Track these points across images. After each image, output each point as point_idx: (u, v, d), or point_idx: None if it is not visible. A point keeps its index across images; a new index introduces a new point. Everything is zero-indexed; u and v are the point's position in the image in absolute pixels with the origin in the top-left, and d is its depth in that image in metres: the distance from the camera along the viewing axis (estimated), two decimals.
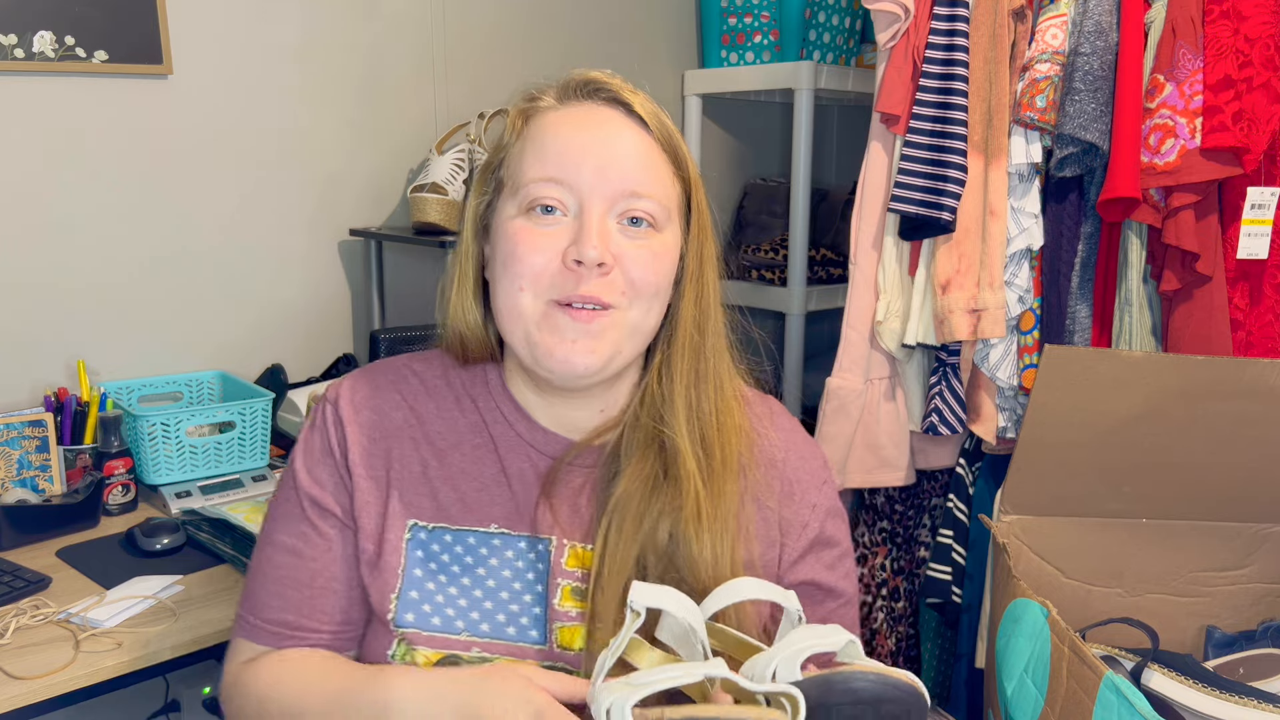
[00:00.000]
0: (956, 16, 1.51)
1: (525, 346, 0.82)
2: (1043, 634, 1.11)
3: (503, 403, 0.89)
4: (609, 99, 0.84)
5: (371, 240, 1.97)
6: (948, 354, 1.61)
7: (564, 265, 0.80)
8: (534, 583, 0.83)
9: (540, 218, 0.81)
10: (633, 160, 0.82)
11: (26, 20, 1.55)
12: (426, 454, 0.86)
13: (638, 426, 0.86)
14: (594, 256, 0.78)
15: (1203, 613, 1.35)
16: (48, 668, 1.07)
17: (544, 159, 0.81)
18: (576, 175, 0.80)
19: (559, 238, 0.80)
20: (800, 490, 0.90)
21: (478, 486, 0.86)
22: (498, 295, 0.83)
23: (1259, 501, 1.30)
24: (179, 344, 1.80)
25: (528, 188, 0.81)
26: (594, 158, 0.81)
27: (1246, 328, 1.48)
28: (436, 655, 0.82)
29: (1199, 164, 1.38)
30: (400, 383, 0.90)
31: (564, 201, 0.81)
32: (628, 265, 0.81)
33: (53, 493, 1.46)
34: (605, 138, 0.82)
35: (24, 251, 1.62)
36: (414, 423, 0.88)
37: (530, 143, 0.84)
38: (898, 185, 1.55)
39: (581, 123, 0.83)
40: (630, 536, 0.81)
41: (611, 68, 0.89)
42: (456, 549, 0.84)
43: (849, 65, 2.30)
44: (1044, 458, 1.27)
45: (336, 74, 1.92)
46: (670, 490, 0.82)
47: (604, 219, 0.80)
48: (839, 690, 0.67)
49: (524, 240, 0.81)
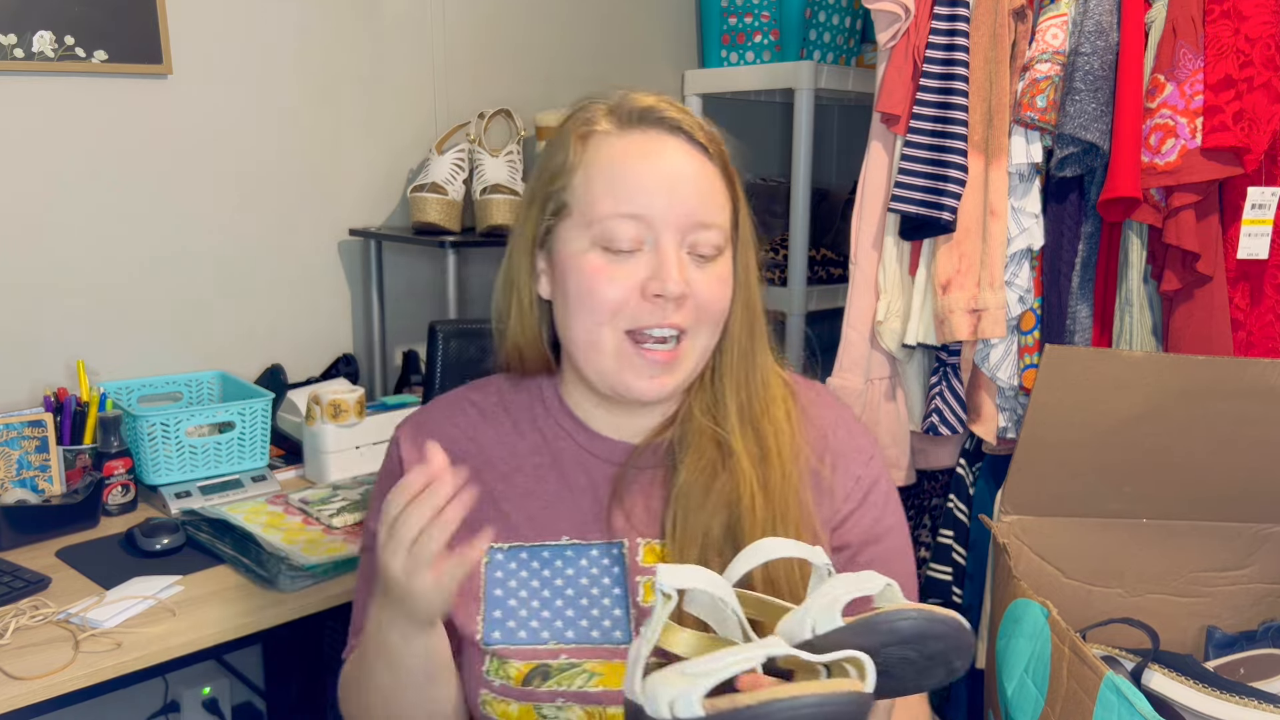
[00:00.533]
0: (957, 16, 1.51)
1: (599, 376, 0.86)
2: (1043, 634, 1.11)
3: (561, 418, 0.93)
4: (671, 127, 0.86)
5: (371, 240, 1.97)
6: (948, 354, 1.61)
7: (643, 298, 0.83)
8: (611, 586, 0.87)
9: (617, 255, 0.84)
10: (699, 190, 0.85)
11: (26, 20, 1.55)
12: (491, 479, 0.90)
13: (691, 418, 0.90)
14: (675, 291, 0.82)
15: (1203, 613, 1.35)
16: (47, 668, 1.07)
17: (616, 194, 0.83)
18: (650, 210, 0.83)
19: (635, 272, 0.83)
20: (844, 463, 0.93)
21: (544, 504, 0.90)
22: (572, 326, 0.86)
23: (1259, 501, 1.30)
24: (179, 344, 1.80)
25: (604, 224, 0.83)
26: (666, 193, 0.83)
27: (1247, 328, 1.48)
28: (528, 666, 0.85)
29: (1199, 164, 1.38)
30: (458, 415, 0.95)
31: (639, 238, 0.83)
32: (699, 292, 0.84)
33: (52, 493, 1.46)
34: (673, 170, 0.84)
35: (24, 251, 1.62)
36: (474, 452, 0.92)
37: (597, 172, 0.85)
38: (898, 185, 1.55)
39: (648, 154, 0.85)
40: (695, 523, 0.85)
41: (611, 68, 0.90)
42: (533, 564, 0.88)
43: (849, 65, 2.30)
44: (1044, 458, 1.27)
45: (336, 74, 1.92)
46: (728, 481, 0.86)
47: (678, 250, 0.84)
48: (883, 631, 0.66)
49: (604, 276, 0.83)
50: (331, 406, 1.60)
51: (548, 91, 2.21)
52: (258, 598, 1.25)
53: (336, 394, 1.62)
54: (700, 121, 0.88)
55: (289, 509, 1.45)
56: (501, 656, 0.86)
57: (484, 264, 2.18)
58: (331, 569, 1.30)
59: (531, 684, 0.85)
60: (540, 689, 0.84)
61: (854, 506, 0.92)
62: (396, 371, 2.06)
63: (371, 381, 2.02)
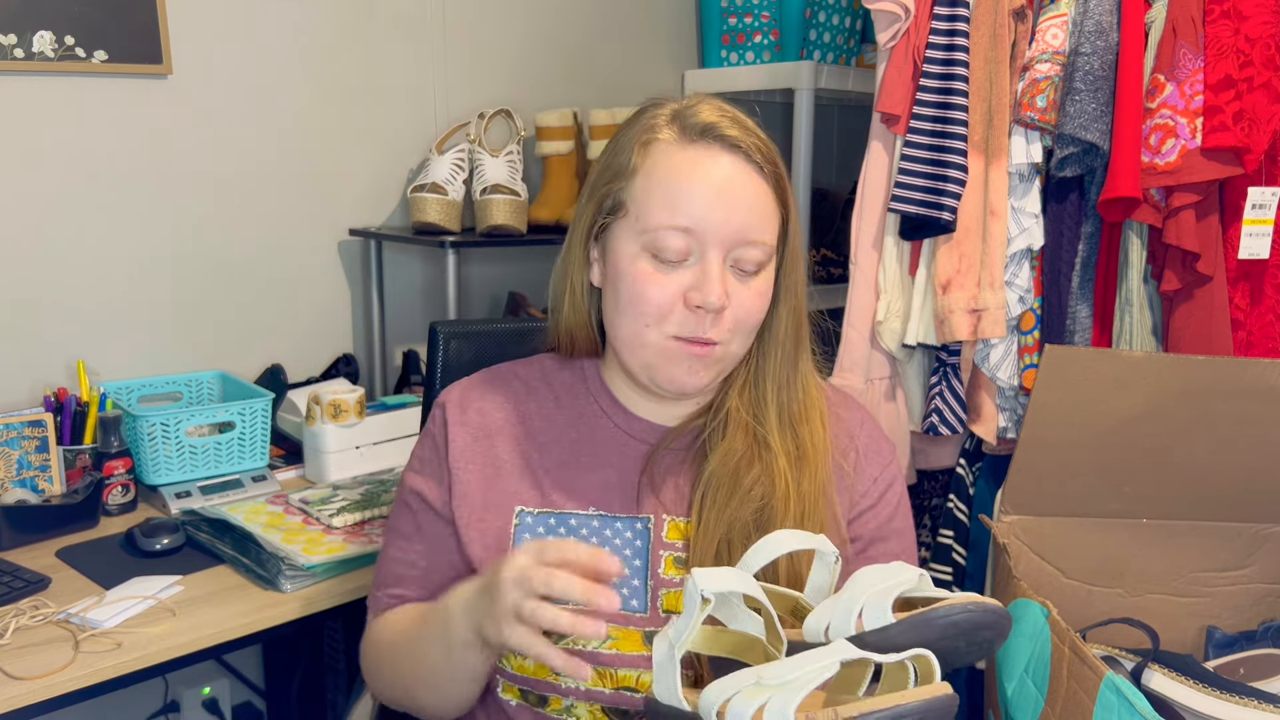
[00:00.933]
0: (957, 16, 1.51)
1: (642, 369, 0.92)
2: (1043, 634, 1.11)
3: (600, 398, 0.99)
4: (730, 145, 0.90)
5: (371, 240, 1.97)
6: (948, 354, 1.61)
7: (686, 307, 0.88)
8: (633, 558, 0.92)
9: (665, 263, 0.89)
10: (748, 208, 0.89)
11: (26, 20, 1.55)
12: (528, 448, 0.97)
13: (729, 411, 0.95)
14: (715, 304, 0.87)
15: (1203, 613, 1.35)
16: (47, 668, 1.07)
17: (670, 207, 0.88)
18: (702, 226, 0.87)
19: (681, 280, 0.89)
20: (866, 462, 0.99)
21: (576, 474, 0.96)
22: (619, 323, 0.92)
23: (1259, 501, 1.30)
24: (179, 344, 1.80)
25: (656, 234, 0.88)
26: (719, 211, 0.88)
27: (1247, 328, 1.48)
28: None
29: (1200, 164, 1.38)
30: (504, 386, 1.02)
31: (687, 249, 0.88)
32: (736, 305, 0.90)
33: (52, 493, 1.46)
34: (729, 189, 0.89)
35: (24, 251, 1.62)
36: (516, 421, 0.99)
37: (655, 182, 0.90)
38: (898, 185, 1.55)
39: (707, 171, 0.89)
40: (724, 508, 0.90)
41: (612, 68, 0.92)
42: (560, 530, 0.93)
43: (849, 65, 2.30)
44: (1044, 458, 1.27)
45: (336, 74, 1.92)
46: (762, 474, 0.92)
47: (722, 265, 0.89)
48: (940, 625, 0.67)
49: (652, 282, 0.89)
50: (331, 406, 1.60)
51: (548, 91, 2.21)
52: (258, 598, 1.25)
53: (336, 394, 1.62)
54: (760, 140, 0.92)
55: (289, 509, 1.45)
56: None
57: (484, 264, 2.18)
58: (331, 569, 1.30)
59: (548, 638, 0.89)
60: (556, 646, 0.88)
61: (870, 504, 0.98)
62: (396, 371, 2.06)
63: (371, 381, 2.02)
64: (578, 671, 0.74)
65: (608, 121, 2.04)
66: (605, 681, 0.88)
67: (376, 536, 1.38)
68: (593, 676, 0.87)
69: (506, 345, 1.22)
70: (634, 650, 0.88)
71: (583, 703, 0.89)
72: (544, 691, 0.90)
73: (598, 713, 0.89)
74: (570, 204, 2.03)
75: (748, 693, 0.64)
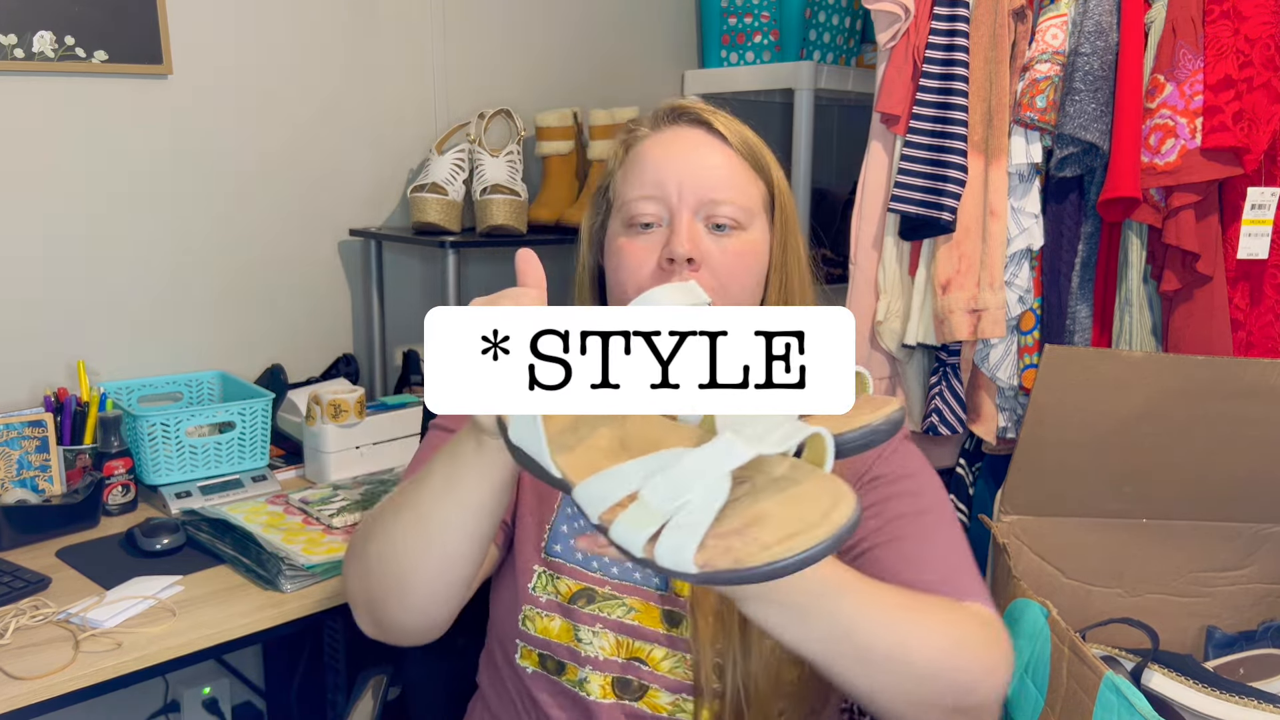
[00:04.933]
0: (957, 16, 1.51)
1: None
2: (1043, 634, 1.11)
3: None
4: (693, 121, 0.95)
5: (371, 240, 1.97)
6: (948, 354, 1.61)
7: (659, 268, 0.90)
8: None
9: (640, 232, 0.92)
10: (713, 170, 0.92)
11: (26, 20, 1.55)
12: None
13: None
14: (682, 253, 0.88)
15: (1203, 613, 1.35)
16: (47, 668, 1.07)
17: (641, 180, 0.93)
18: (665, 190, 0.91)
19: (654, 247, 0.91)
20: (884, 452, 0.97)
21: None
22: (610, 304, 0.95)
23: (1259, 501, 1.30)
24: (179, 344, 1.80)
25: (628, 206, 0.93)
26: (679, 172, 0.91)
27: (1247, 328, 1.48)
28: (577, 585, 0.93)
29: (1199, 164, 1.38)
30: None
31: (658, 215, 0.92)
32: (715, 264, 0.90)
33: (52, 493, 1.46)
34: (688, 153, 0.93)
35: (24, 251, 1.62)
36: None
37: (630, 167, 0.95)
38: (898, 185, 1.55)
39: (669, 144, 0.94)
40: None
41: (612, 68, 0.93)
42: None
43: (849, 65, 2.30)
44: (1044, 458, 1.27)
45: (336, 74, 1.92)
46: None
47: (691, 223, 0.91)
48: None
49: (628, 253, 0.92)
50: (332, 406, 1.60)
51: (548, 91, 2.21)
52: (258, 598, 1.25)
53: (337, 394, 1.62)
54: (729, 119, 0.96)
55: (289, 509, 1.45)
56: (554, 571, 0.93)
57: (484, 264, 2.18)
58: (331, 569, 1.30)
59: (577, 603, 0.92)
60: (584, 610, 0.91)
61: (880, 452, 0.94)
62: (396, 371, 2.06)
63: (371, 381, 2.02)
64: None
65: (607, 121, 2.04)
66: (620, 651, 0.91)
67: None
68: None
69: None
70: (653, 626, 0.91)
71: (596, 674, 0.90)
72: (563, 658, 0.91)
73: (608, 686, 0.91)
74: (570, 204, 2.03)
75: (634, 516, 0.55)
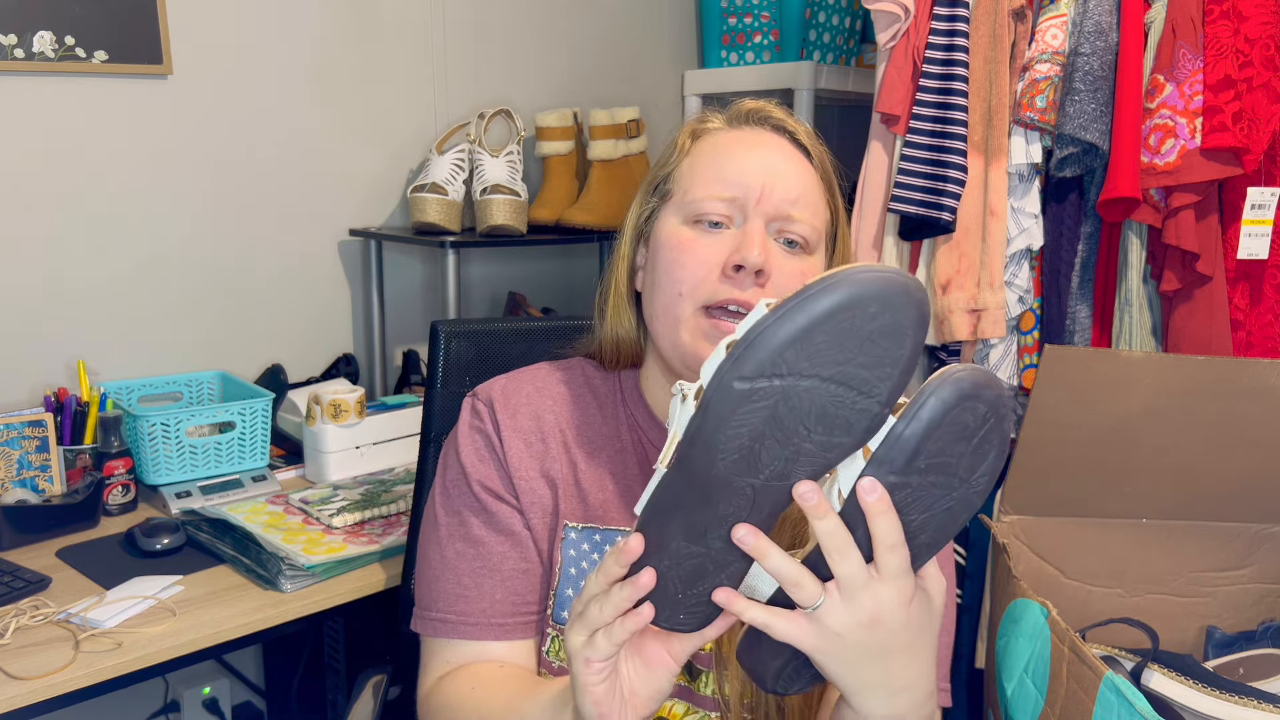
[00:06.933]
0: (956, 16, 1.51)
1: (674, 349, 0.86)
2: (1043, 634, 1.11)
3: (637, 410, 0.94)
4: (775, 127, 0.91)
5: (371, 240, 1.97)
6: (948, 354, 1.61)
7: (723, 273, 0.83)
8: None
9: (707, 230, 0.86)
10: (795, 183, 0.87)
11: (26, 20, 1.55)
12: (576, 456, 0.92)
13: None
14: (755, 261, 0.82)
15: (1203, 613, 1.35)
16: (47, 668, 1.07)
17: (717, 175, 0.87)
18: (744, 191, 0.85)
19: (721, 249, 0.85)
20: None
21: (622, 489, 0.91)
22: (654, 300, 0.88)
23: (1259, 501, 1.30)
24: (179, 344, 1.80)
25: (699, 201, 0.86)
26: (761, 176, 0.86)
27: (1246, 328, 1.48)
28: None
29: (1199, 164, 1.38)
30: (549, 389, 0.95)
31: (729, 216, 0.86)
32: (780, 283, 0.84)
33: (53, 493, 1.46)
34: (772, 159, 0.87)
35: (24, 251, 1.62)
36: (563, 427, 0.93)
37: (701, 159, 0.89)
38: (898, 185, 1.55)
39: (751, 144, 0.89)
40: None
41: (612, 68, 0.92)
42: (605, 547, 0.89)
43: (849, 65, 2.30)
44: (1044, 458, 1.27)
45: (336, 74, 1.92)
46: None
47: (764, 232, 0.85)
48: (940, 397, 0.57)
49: (688, 248, 0.85)
50: (332, 406, 1.60)
51: (548, 91, 2.21)
52: (258, 598, 1.25)
53: (337, 394, 1.62)
54: (807, 130, 0.92)
55: (289, 509, 1.45)
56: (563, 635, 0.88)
57: (484, 264, 2.18)
58: (331, 569, 1.30)
59: None
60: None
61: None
62: (396, 371, 2.06)
63: (371, 381, 2.02)
64: (730, 604, 0.65)
65: (607, 121, 2.04)
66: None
67: (377, 536, 1.38)
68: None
69: (508, 344, 1.22)
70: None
71: None
72: None
73: None
74: (570, 204, 2.03)
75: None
